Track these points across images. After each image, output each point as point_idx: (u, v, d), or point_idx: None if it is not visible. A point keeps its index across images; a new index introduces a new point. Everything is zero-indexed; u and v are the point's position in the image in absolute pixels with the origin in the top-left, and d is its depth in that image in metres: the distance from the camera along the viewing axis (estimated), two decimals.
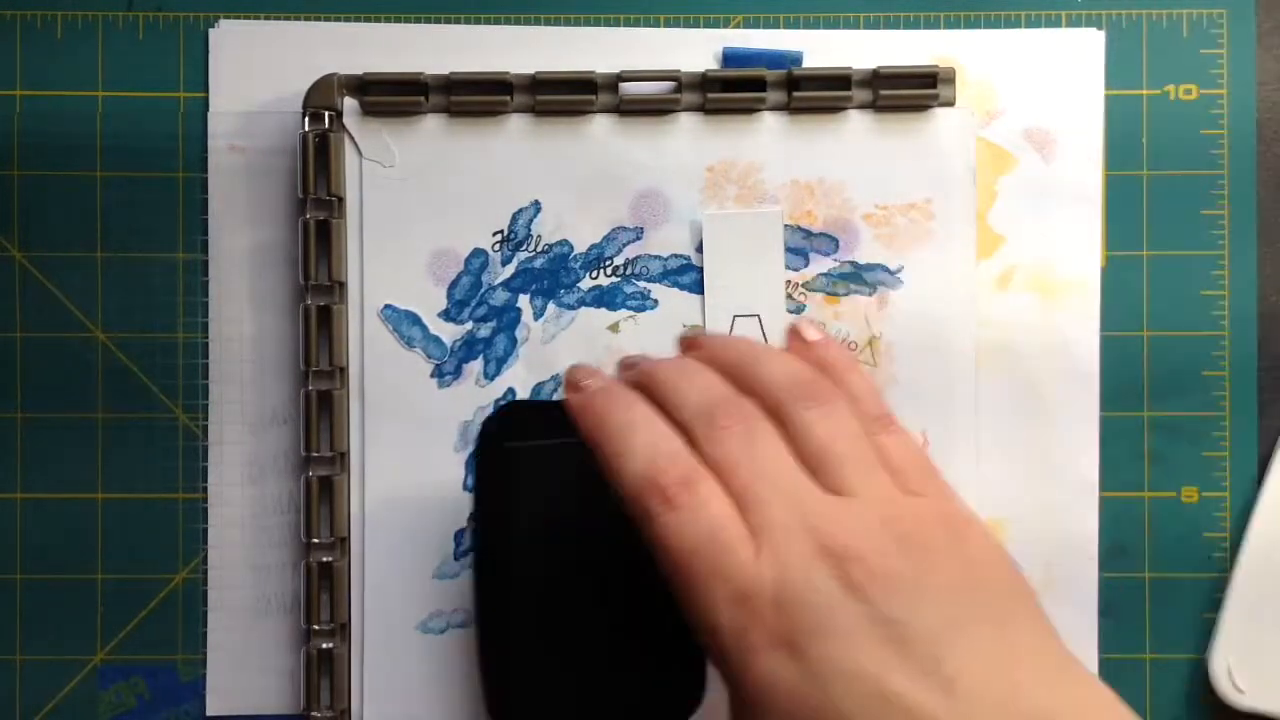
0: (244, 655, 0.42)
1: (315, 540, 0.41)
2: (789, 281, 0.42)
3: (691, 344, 0.34)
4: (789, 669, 0.27)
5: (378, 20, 0.43)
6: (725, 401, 0.31)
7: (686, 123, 0.42)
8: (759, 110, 0.42)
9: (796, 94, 0.41)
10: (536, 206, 0.42)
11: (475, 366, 0.42)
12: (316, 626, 0.41)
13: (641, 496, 0.29)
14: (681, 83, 0.41)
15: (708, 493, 0.29)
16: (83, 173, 0.43)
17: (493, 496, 0.37)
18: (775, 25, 0.43)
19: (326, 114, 0.41)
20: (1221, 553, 0.43)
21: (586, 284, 0.42)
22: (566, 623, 0.34)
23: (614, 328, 0.42)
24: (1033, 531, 0.42)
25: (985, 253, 0.42)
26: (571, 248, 0.42)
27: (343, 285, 0.42)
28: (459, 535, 0.42)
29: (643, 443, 0.30)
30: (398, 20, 0.43)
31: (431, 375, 0.42)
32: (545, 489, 0.35)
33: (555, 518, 0.35)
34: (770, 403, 0.31)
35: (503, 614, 0.36)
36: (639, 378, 0.32)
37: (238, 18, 0.43)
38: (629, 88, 0.42)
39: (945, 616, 0.27)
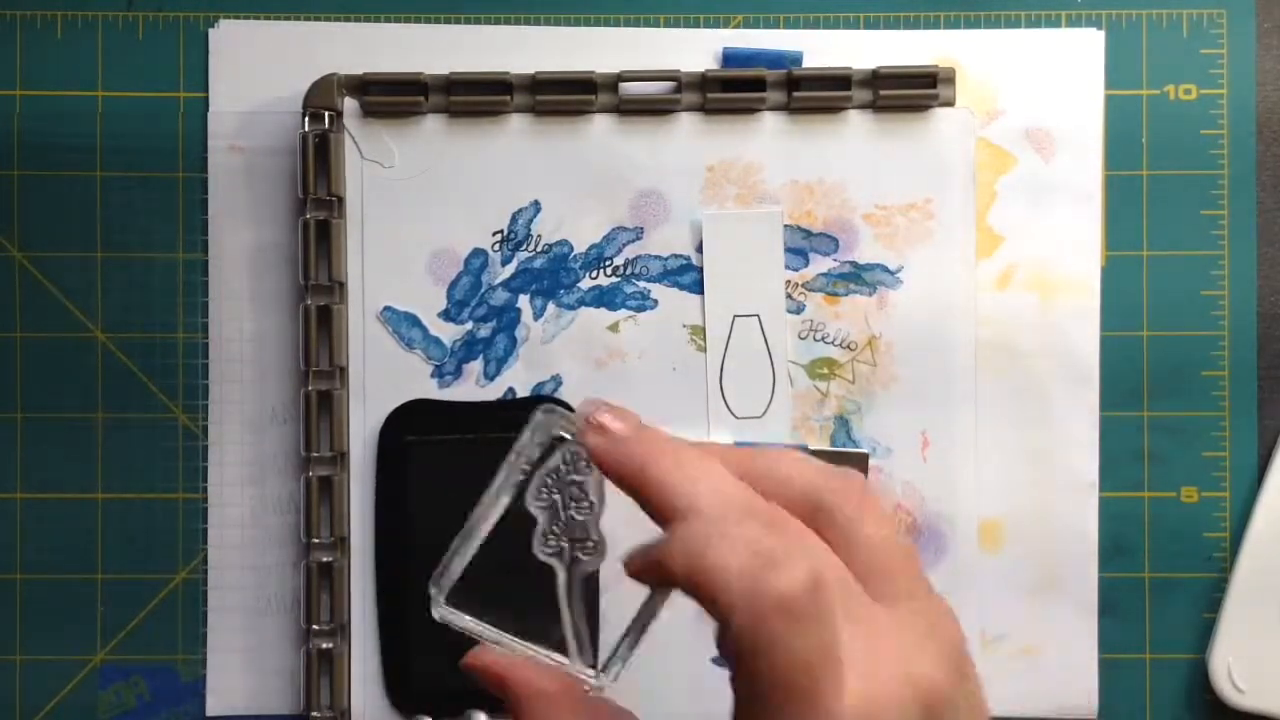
0: (244, 655, 0.42)
1: (315, 540, 0.41)
2: (789, 281, 0.42)
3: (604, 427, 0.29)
4: None
5: (378, 20, 0.43)
6: (755, 508, 0.27)
7: (686, 123, 0.42)
8: (759, 110, 0.42)
9: (796, 94, 0.41)
10: (536, 206, 0.42)
11: (475, 366, 0.42)
12: (316, 626, 0.41)
13: (756, 600, 0.25)
14: (681, 83, 0.41)
15: (828, 601, 0.25)
16: (83, 173, 0.43)
17: (392, 485, 0.41)
18: (775, 25, 0.43)
19: (326, 114, 0.41)
20: (1221, 553, 0.43)
21: (586, 284, 0.42)
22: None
23: (614, 328, 0.42)
24: (1033, 531, 0.42)
25: (985, 252, 0.42)
26: (571, 248, 0.42)
27: (343, 285, 0.42)
28: None
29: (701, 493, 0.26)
30: (398, 20, 0.43)
31: (431, 375, 0.42)
32: (439, 480, 0.35)
33: (448, 506, 0.34)
34: (803, 502, 0.28)
35: (399, 597, 0.39)
36: (625, 462, 0.28)
37: (238, 18, 0.43)
38: (629, 88, 0.42)
39: None
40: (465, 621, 0.32)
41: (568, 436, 0.31)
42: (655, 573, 0.27)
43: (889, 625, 0.27)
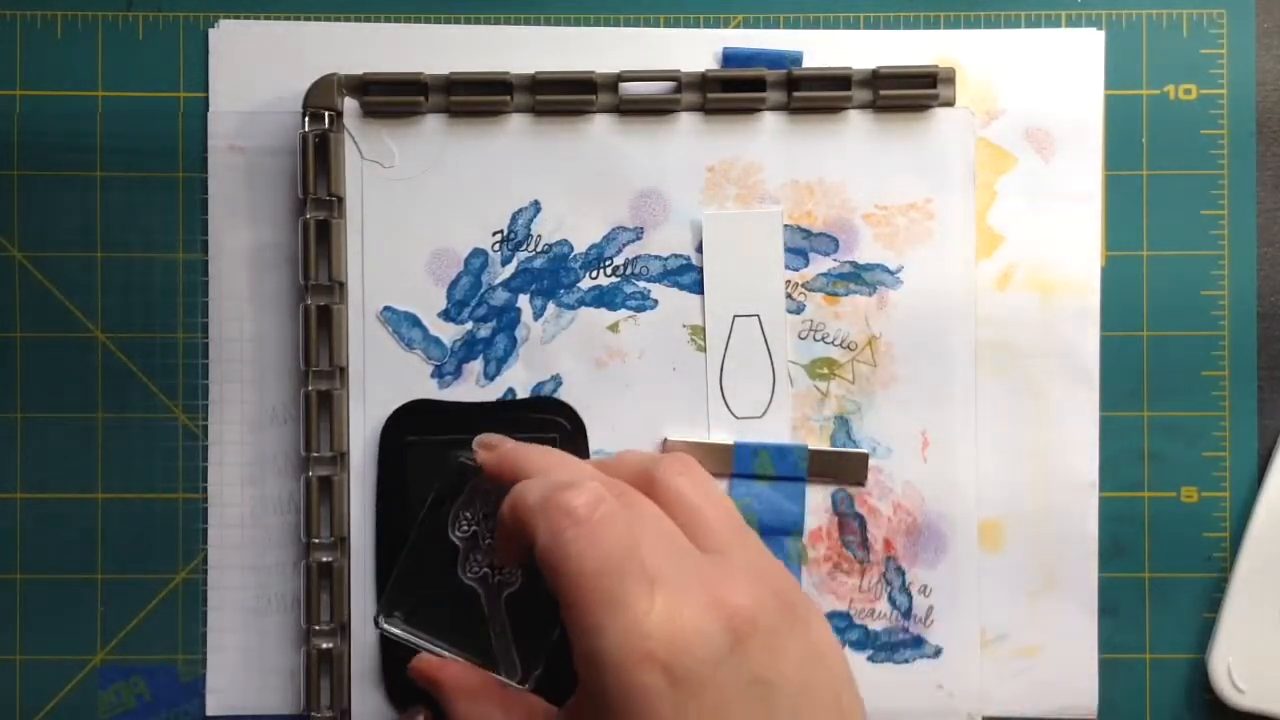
0: (244, 655, 0.42)
1: (315, 540, 0.41)
2: (789, 281, 0.42)
3: (490, 446, 0.37)
4: (666, 702, 0.28)
5: (378, 20, 0.43)
6: (598, 479, 0.33)
7: (686, 123, 0.42)
8: (759, 110, 0.42)
9: (796, 94, 0.41)
10: (536, 206, 0.42)
11: (475, 366, 0.42)
12: (316, 626, 0.41)
13: (548, 513, 0.30)
14: (681, 83, 0.41)
15: (611, 510, 0.30)
16: (83, 173, 0.43)
17: (392, 484, 0.41)
18: (775, 25, 0.43)
19: (326, 114, 0.41)
20: (1221, 553, 0.43)
21: (586, 284, 0.42)
22: (450, 596, 0.37)
23: (614, 328, 0.42)
24: (1033, 531, 0.42)
25: (985, 252, 0.42)
26: (571, 248, 0.42)
27: (343, 285, 0.42)
28: None
29: (554, 472, 0.33)
30: (398, 20, 0.43)
31: (431, 375, 0.42)
32: (434, 478, 0.38)
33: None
34: (638, 475, 0.34)
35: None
36: (505, 463, 0.35)
37: (238, 18, 0.43)
38: (629, 88, 0.42)
39: (801, 680, 0.30)
40: (405, 634, 0.37)
41: (469, 463, 0.36)
42: (501, 532, 0.33)
43: (704, 564, 0.31)
